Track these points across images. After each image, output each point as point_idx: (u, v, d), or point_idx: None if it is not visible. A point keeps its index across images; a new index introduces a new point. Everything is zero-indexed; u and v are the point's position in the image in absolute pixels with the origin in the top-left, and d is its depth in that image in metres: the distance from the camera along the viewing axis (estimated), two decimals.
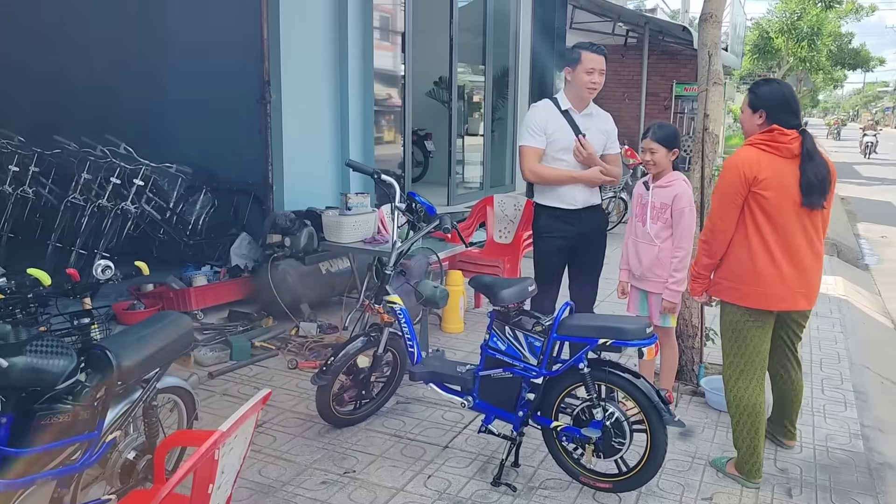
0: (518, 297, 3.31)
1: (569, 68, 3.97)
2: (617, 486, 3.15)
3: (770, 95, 3.29)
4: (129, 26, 7.49)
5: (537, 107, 4.12)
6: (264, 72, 5.80)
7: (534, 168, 4.02)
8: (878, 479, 3.45)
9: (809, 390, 4.52)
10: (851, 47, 28.70)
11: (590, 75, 3.91)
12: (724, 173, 3.25)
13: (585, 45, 4.01)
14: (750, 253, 3.23)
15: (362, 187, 6.51)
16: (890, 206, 15.31)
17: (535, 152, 4.01)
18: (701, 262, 3.39)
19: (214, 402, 4.15)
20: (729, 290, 3.34)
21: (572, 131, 3.99)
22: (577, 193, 4.03)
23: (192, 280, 5.57)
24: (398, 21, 7.39)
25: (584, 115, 4.05)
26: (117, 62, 7.51)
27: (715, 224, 3.28)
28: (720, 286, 3.40)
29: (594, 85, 3.95)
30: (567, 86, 4.04)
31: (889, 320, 6.88)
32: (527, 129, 4.03)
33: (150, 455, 2.68)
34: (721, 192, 3.25)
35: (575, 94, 4.01)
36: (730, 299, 3.35)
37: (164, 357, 2.64)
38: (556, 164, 4.02)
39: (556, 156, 4.02)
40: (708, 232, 3.33)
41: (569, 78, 3.99)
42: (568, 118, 4.01)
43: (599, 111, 4.18)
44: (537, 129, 3.99)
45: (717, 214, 3.27)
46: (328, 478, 3.33)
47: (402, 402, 4.18)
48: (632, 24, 14.31)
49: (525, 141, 4.02)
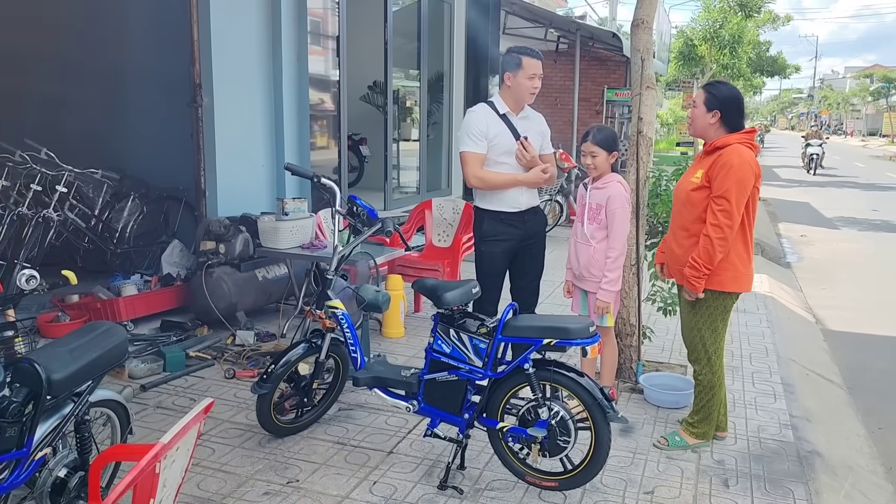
0: (462, 299, 3.30)
1: (509, 73, 3.99)
2: (562, 484, 3.18)
3: (726, 97, 3.51)
4: (54, 26, 7.21)
5: (475, 112, 4.10)
6: (195, 74, 5.65)
7: (478, 174, 4.02)
8: (808, 467, 3.58)
9: (741, 383, 4.68)
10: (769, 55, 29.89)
11: (531, 80, 3.97)
12: (738, 172, 3.37)
13: (524, 50, 4.03)
14: (744, 241, 3.51)
15: (298, 192, 6.42)
16: (808, 207, 16.03)
17: (478, 158, 4.01)
18: (714, 257, 3.44)
19: (148, 415, 4.01)
20: (732, 280, 3.53)
21: (512, 134, 4.02)
22: (519, 196, 4.06)
23: (120, 289, 5.38)
24: (332, 25, 7.32)
25: (520, 118, 4.10)
26: (39, 64, 7.22)
27: (734, 220, 3.40)
28: (722, 276, 3.51)
29: (535, 89, 4.01)
30: (505, 90, 4.06)
31: (811, 315, 7.18)
32: (467, 134, 4.02)
33: (82, 472, 2.56)
34: (739, 189, 3.38)
35: (513, 97, 4.04)
36: (730, 288, 3.55)
37: (97, 369, 2.53)
38: (498, 167, 4.04)
39: (497, 159, 4.03)
40: (727, 228, 3.40)
41: (509, 83, 4.01)
42: (506, 121, 4.05)
43: (533, 113, 4.24)
44: (478, 135, 3.99)
45: (737, 210, 3.40)
46: (271, 488, 3.25)
47: (344, 408, 4.13)
48: (563, 30, 14.58)
49: (466, 147, 4.02)
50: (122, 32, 6.94)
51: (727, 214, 3.39)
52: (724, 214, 3.39)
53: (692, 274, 3.48)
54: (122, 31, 6.95)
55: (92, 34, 7.11)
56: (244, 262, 5.46)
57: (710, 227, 3.42)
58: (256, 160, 6.25)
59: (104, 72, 7.07)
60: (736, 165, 3.37)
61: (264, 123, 6.30)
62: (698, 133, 3.63)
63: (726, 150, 3.43)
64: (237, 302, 5.35)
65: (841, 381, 5.35)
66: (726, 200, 3.38)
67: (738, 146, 3.44)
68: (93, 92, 7.13)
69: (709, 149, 3.53)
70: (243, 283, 5.42)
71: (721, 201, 3.39)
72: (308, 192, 6.41)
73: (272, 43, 6.26)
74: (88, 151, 6.66)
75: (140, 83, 6.88)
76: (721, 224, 3.39)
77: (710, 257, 3.43)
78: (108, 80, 7.06)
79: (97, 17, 7.06)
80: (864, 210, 15.17)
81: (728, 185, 3.38)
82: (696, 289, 3.51)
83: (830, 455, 3.84)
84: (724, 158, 3.41)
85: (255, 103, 6.19)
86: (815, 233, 12.51)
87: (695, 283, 3.49)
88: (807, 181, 22.20)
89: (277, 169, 6.36)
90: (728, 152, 3.42)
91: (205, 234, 5.46)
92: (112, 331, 2.65)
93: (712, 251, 3.42)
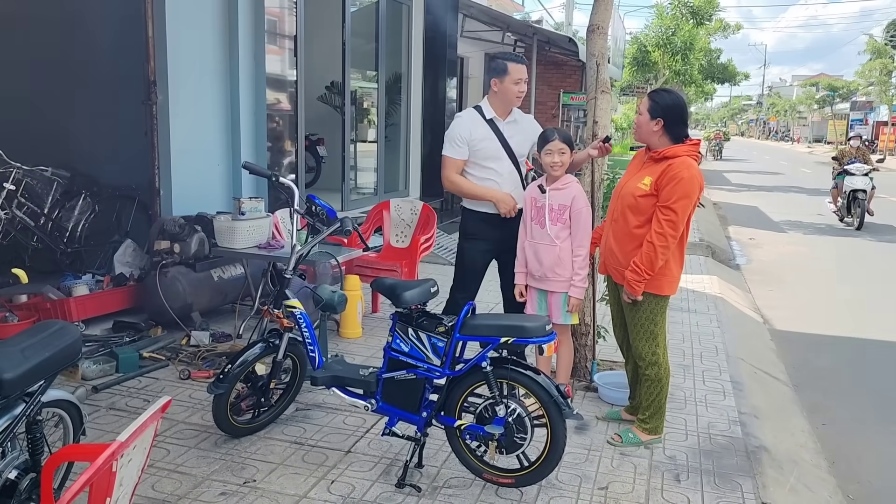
0: (420, 298, 3.32)
1: (496, 79, 4.13)
2: (519, 480, 3.22)
3: (669, 105, 3.63)
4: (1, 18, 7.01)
5: (461, 117, 4.27)
6: (150, 72, 5.56)
7: (452, 178, 4.20)
8: (755, 462, 3.70)
9: (692, 381, 4.80)
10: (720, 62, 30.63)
11: (517, 85, 4.11)
12: (687, 185, 3.49)
13: (509, 56, 4.19)
14: (680, 249, 3.67)
15: (255, 192, 6.37)
16: (757, 211, 16.47)
17: (455, 163, 4.18)
18: (656, 263, 3.55)
19: (100, 416, 3.94)
20: (669, 284, 3.69)
21: (497, 140, 4.15)
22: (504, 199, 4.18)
23: (71, 289, 5.25)
24: (290, 24, 7.28)
25: (508, 123, 4.22)
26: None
27: (678, 231, 3.53)
28: (661, 281, 3.65)
29: (521, 93, 4.15)
30: (492, 95, 4.19)
31: (759, 316, 7.39)
32: (449, 140, 4.18)
33: (34, 474, 2.51)
34: (686, 202, 3.51)
35: (500, 102, 4.18)
36: (666, 292, 3.70)
37: (49, 368, 2.48)
38: (482, 171, 4.18)
39: (482, 164, 4.18)
40: (671, 237, 3.51)
41: (496, 89, 4.14)
42: (493, 126, 4.17)
43: (523, 116, 4.35)
44: (460, 141, 4.15)
45: (681, 220, 3.52)
46: (227, 489, 3.22)
47: (301, 408, 4.11)
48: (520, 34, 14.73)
49: (446, 151, 4.20)
50: (75, 27, 6.79)
51: (672, 225, 3.51)
52: (670, 225, 3.51)
53: (633, 278, 3.59)
54: (74, 26, 6.80)
55: (43, 29, 6.95)
56: (199, 261, 5.40)
57: (655, 235, 3.53)
58: (212, 159, 6.18)
59: (55, 68, 6.91)
60: (686, 179, 3.49)
61: (220, 122, 6.23)
62: (642, 139, 3.74)
63: (676, 162, 3.54)
64: (192, 302, 5.29)
65: (787, 379, 5.52)
66: (673, 212, 3.50)
67: (687, 159, 3.56)
68: (44, 88, 6.97)
69: (657, 156, 3.62)
70: (198, 283, 5.35)
71: (668, 212, 3.51)
72: (265, 191, 6.36)
73: (229, 40, 6.20)
74: (38, 148, 6.50)
75: (92, 79, 6.74)
76: (666, 233, 3.51)
77: (651, 263, 3.55)
78: (60, 76, 6.91)
79: (48, 12, 6.90)
80: (809, 214, 15.64)
81: (676, 198, 3.50)
82: (636, 292, 3.63)
83: (777, 450, 3.97)
84: (674, 171, 3.51)
85: (211, 101, 6.12)
86: (763, 236, 12.86)
87: (635, 286, 3.61)
88: (755, 185, 22.78)
89: (234, 168, 6.29)
90: (678, 165, 3.53)
91: (159, 234, 5.38)
92: (65, 330, 2.60)
93: (654, 258, 3.54)
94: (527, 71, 4.18)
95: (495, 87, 4.14)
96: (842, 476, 4.08)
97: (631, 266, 3.60)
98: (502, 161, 4.19)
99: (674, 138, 3.61)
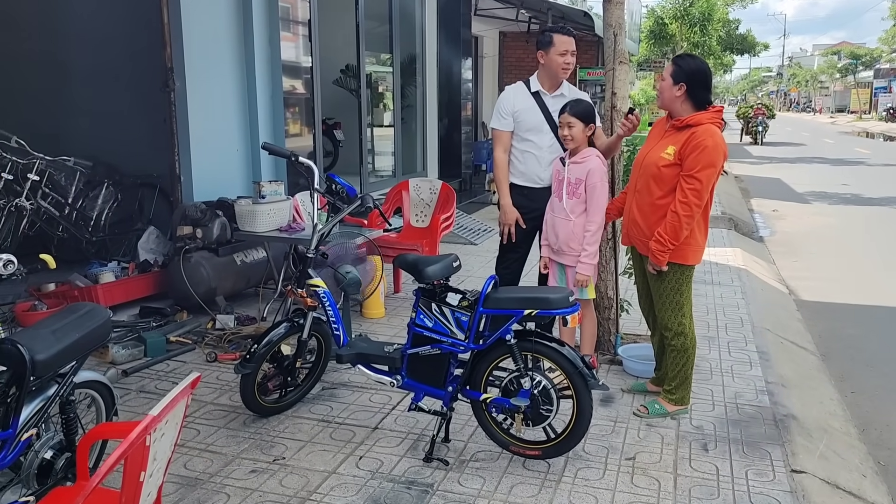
0: (443, 273, 3.32)
1: (542, 52, 4.17)
2: (546, 452, 3.23)
3: (692, 70, 3.58)
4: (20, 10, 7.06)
5: (507, 89, 4.40)
6: (167, 58, 5.58)
7: (496, 154, 4.32)
8: (784, 430, 3.67)
9: (717, 353, 4.77)
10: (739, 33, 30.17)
11: (563, 56, 4.13)
12: (712, 154, 3.44)
13: (556, 28, 4.25)
14: (705, 218, 3.63)
15: (274, 175, 6.39)
16: (779, 182, 16.26)
17: (501, 136, 4.28)
18: (681, 233, 3.53)
19: (131, 399, 4.00)
20: (694, 254, 3.66)
21: (540, 112, 4.19)
22: (541, 172, 4.24)
23: (98, 277, 5.32)
24: (304, 8, 7.26)
25: (554, 97, 4.24)
26: (6, 49, 7.07)
27: (702, 200, 3.50)
28: (685, 251, 3.62)
29: (568, 65, 4.17)
30: (540, 68, 4.25)
31: (784, 286, 7.32)
32: (496, 112, 4.31)
33: (69, 453, 2.56)
34: (710, 171, 3.47)
35: (547, 75, 4.23)
36: (692, 262, 3.67)
37: (81, 349, 2.53)
38: (522, 143, 4.25)
39: (523, 135, 4.25)
40: (695, 207, 3.49)
41: (542, 61, 4.19)
42: (538, 99, 4.21)
43: (573, 90, 4.35)
44: (504, 113, 4.26)
45: (705, 189, 3.49)
46: (258, 466, 3.27)
47: (327, 387, 4.15)
48: (534, 10, 14.55)
49: (493, 123, 4.33)
50: (91, 18, 6.83)
51: (697, 194, 3.47)
52: (695, 194, 3.47)
53: (658, 248, 3.56)
54: (90, 16, 6.84)
55: (59, 21, 7.00)
56: (222, 246, 5.43)
57: (679, 205, 3.49)
58: (231, 144, 6.21)
59: (73, 58, 6.96)
60: (710, 147, 3.44)
61: (238, 107, 6.25)
62: (665, 105, 3.68)
63: (699, 130, 3.49)
64: (216, 286, 5.33)
65: (814, 349, 5.47)
66: (698, 181, 3.46)
67: (710, 126, 3.51)
68: (63, 79, 7.02)
69: (679, 125, 3.57)
70: (222, 268, 5.39)
71: (692, 181, 3.47)
72: (284, 175, 6.39)
73: (244, 25, 6.20)
74: (60, 139, 6.57)
75: (110, 68, 6.77)
76: (690, 202, 3.47)
77: (676, 234, 3.52)
78: (78, 66, 6.95)
79: (65, 3, 6.94)
80: (833, 184, 15.41)
81: (701, 167, 3.46)
82: (661, 262, 3.60)
83: (805, 418, 3.94)
84: (698, 139, 3.46)
85: (228, 87, 6.14)
86: (786, 207, 12.70)
87: (660, 256, 3.58)
88: (777, 158, 22.45)
89: (253, 152, 6.32)
90: (701, 133, 3.48)
91: (181, 220, 5.42)
92: (95, 311, 2.64)
93: (679, 228, 3.50)
94: (574, 44, 4.18)
95: (542, 59, 4.19)
96: (872, 443, 4.04)
97: (655, 236, 3.57)
98: (543, 134, 4.20)
99: (697, 104, 3.56)
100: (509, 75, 16.38)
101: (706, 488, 3.11)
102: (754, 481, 3.17)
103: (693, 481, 3.16)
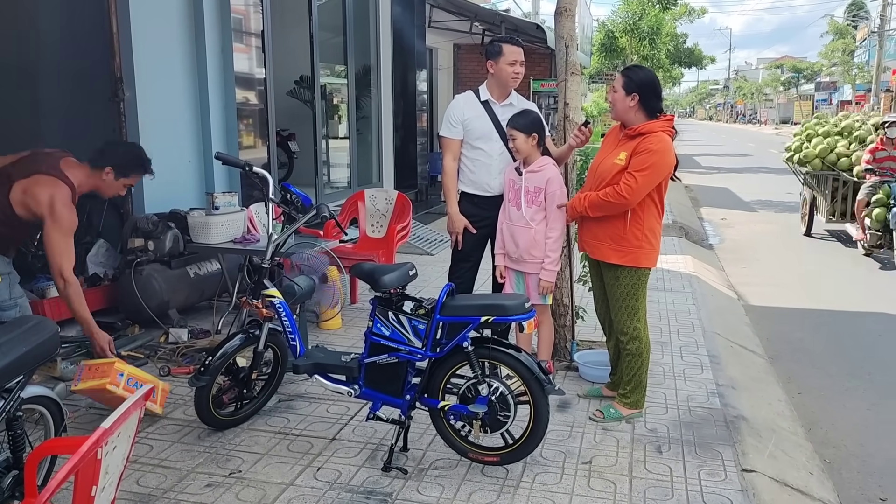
0: (399, 281, 3.33)
1: (491, 61, 4.20)
2: (504, 458, 3.25)
3: (643, 80, 3.70)
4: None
5: (457, 98, 4.41)
6: (115, 68, 5.48)
7: (445, 162, 4.33)
8: (734, 431, 3.77)
9: (670, 357, 4.87)
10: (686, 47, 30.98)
11: (512, 66, 4.17)
12: (660, 158, 3.57)
13: (504, 38, 4.30)
14: (658, 221, 3.73)
15: (228, 186, 6.32)
16: (727, 192, 16.68)
17: (450, 144, 4.29)
18: (595, 209, 3.71)
19: (81, 416, 3.90)
20: (647, 257, 3.75)
21: (490, 120, 4.22)
22: (491, 181, 4.26)
23: (44, 292, 5.18)
24: (256, 18, 7.22)
25: (503, 106, 4.27)
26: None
27: (633, 198, 3.60)
28: (639, 253, 3.72)
29: (517, 75, 4.21)
30: (489, 78, 4.28)
31: (733, 292, 7.50)
32: (445, 120, 4.31)
33: (16, 471, 2.48)
34: (651, 173, 3.58)
35: (496, 84, 4.25)
36: (645, 265, 3.76)
37: (27, 364, 2.45)
38: (472, 152, 4.26)
39: (473, 144, 4.26)
40: (627, 196, 3.59)
41: (491, 70, 4.22)
42: (487, 108, 4.24)
43: (521, 101, 4.38)
44: (454, 121, 4.27)
45: (644, 187, 3.59)
46: (213, 480, 3.21)
47: (284, 399, 4.11)
48: (488, 22, 14.72)
49: (443, 131, 4.35)
50: (37, 23, 6.66)
51: (630, 190, 3.59)
52: (628, 189, 3.59)
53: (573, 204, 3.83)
54: (33, 22, 6.67)
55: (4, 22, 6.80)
56: (174, 258, 5.34)
57: (611, 190, 3.64)
58: (183, 155, 6.12)
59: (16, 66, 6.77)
60: (655, 151, 3.57)
61: (190, 118, 6.17)
62: (619, 116, 3.79)
63: (651, 137, 3.62)
64: (169, 299, 5.24)
65: (762, 352, 5.62)
66: (634, 179, 3.59)
67: (662, 135, 3.64)
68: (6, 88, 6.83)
69: (633, 133, 3.68)
70: (174, 280, 5.30)
71: (630, 178, 3.60)
72: (238, 186, 6.32)
73: (195, 36, 6.13)
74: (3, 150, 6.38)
75: (56, 77, 6.62)
76: (622, 193, 3.61)
77: (593, 205, 3.70)
78: (22, 74, 6.77)
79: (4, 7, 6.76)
80: (778, 193, 15.86)
81: (643, 168, 3.58)
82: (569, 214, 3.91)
83: (755, 419, 4.04)
84: (647, 144, 3.59)
85: (180, 97, 6.05)
86: (734, 216, 13.04)
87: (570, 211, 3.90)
88: (724, 168, 23.02)
89: (206, 164, 6.23)
90: (651, 139, 3.61)
91: (132, 232, 5.32)
92: (42, 325, 2.57)
93: (599, 205, 3.69)
94: (523, 54, 4.24)
95: (491, 69, 4.22)
96: (818, 442, 4.17)
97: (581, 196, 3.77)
98: (493, 142, 4.23)
99: (649, 113, 3.67)
100: (464, 87, 16.41)
101: (661, 489, 3.17)
102: (707, 481, 3.24)
103: (648, 483, 3.22)
